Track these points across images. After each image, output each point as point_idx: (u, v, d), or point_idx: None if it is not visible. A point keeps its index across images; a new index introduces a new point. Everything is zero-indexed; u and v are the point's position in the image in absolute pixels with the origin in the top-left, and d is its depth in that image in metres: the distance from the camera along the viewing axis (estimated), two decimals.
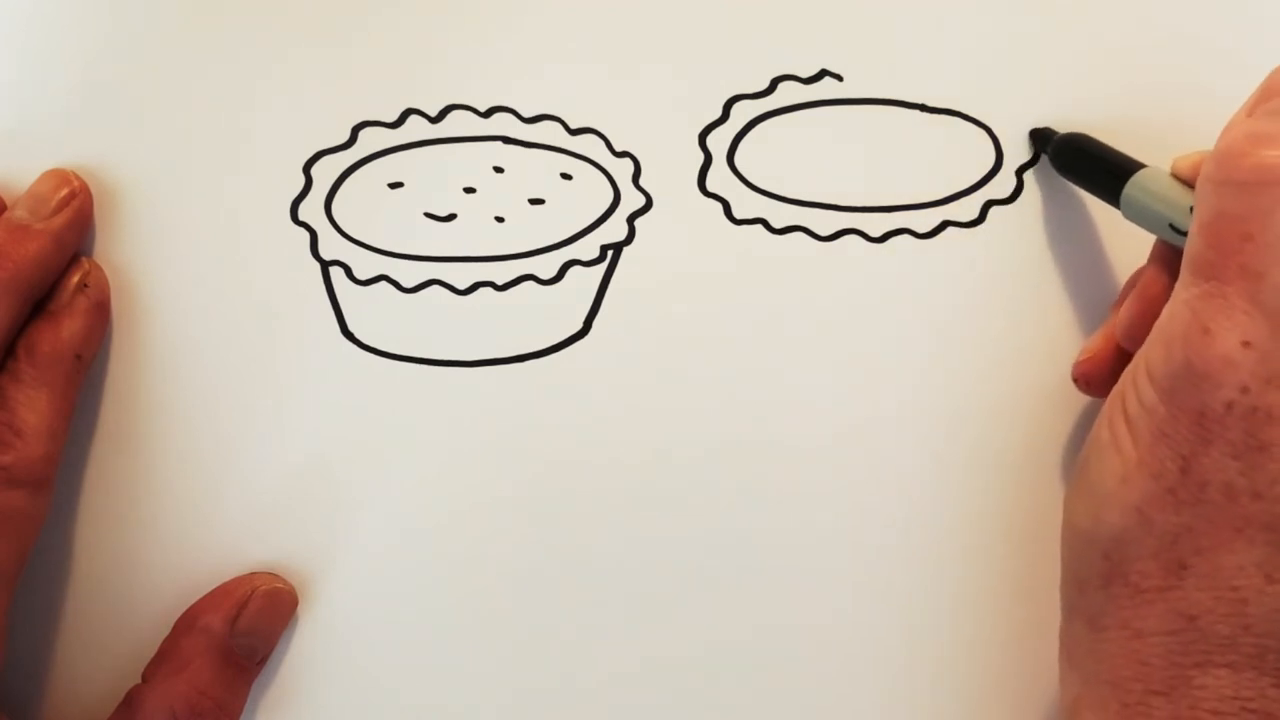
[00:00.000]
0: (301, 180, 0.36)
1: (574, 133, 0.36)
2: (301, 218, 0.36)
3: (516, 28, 0.36)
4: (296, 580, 0.36)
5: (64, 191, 0.35)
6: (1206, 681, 0.28)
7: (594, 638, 0.36)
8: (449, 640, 0.36)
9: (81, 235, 0.35)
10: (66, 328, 0.34)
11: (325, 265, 0.36)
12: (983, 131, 0.36)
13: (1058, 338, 0.36)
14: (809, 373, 0.36)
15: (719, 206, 0.36)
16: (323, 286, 0.36)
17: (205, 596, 0.35)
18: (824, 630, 0.36)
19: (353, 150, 0.36)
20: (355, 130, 0.36)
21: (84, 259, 0.35)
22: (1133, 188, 0.32)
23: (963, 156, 0.36)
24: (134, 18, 0.35)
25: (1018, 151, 0.36)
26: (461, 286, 0.36)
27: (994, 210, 0.36)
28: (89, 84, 0.35)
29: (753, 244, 0.36)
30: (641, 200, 0.36)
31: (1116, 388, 0.30)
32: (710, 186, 0.36)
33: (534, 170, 0.36)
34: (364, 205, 0.36)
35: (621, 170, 0.36)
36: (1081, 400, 0.36)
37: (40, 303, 0.34)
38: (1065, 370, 0.35)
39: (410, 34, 0.36)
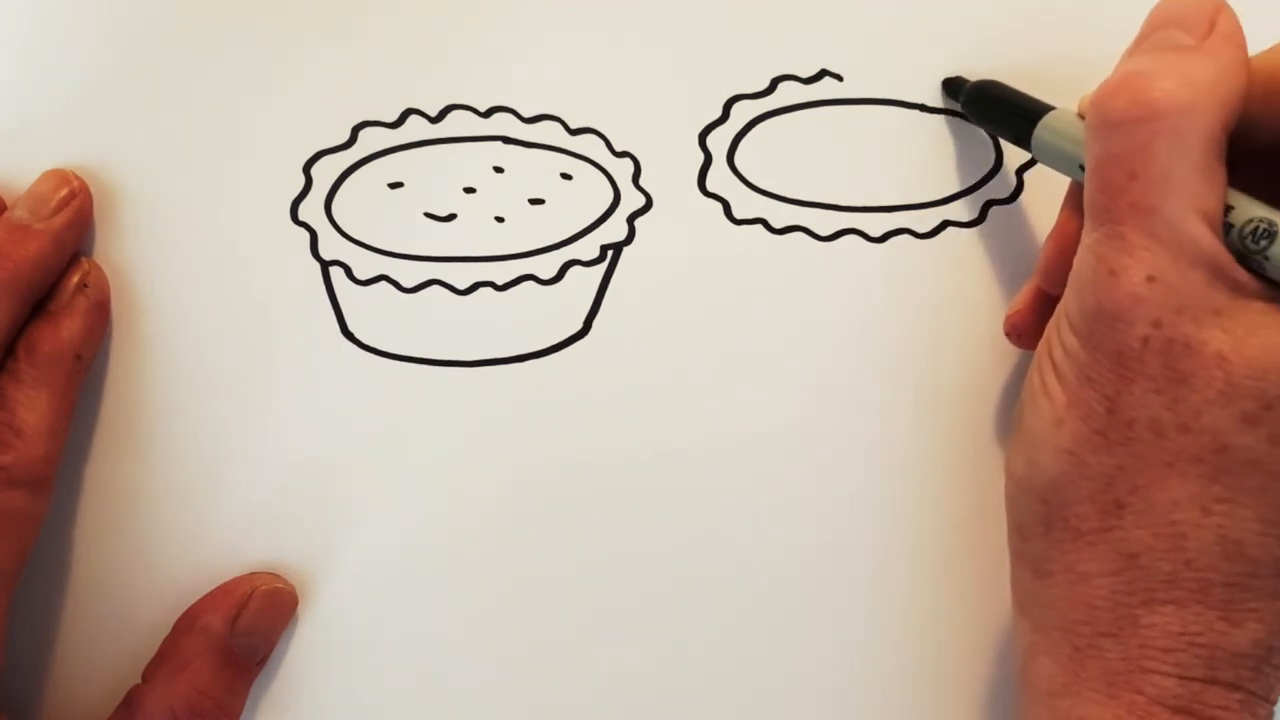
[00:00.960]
0: (301, 180, 0.36)
1: (574, 133, 0.36)
2: (301, 218, 0.36)
3: (517, 28, 0.36)
4: (296, 580, 0.36)
5: (64, 191, 0.35)
6: (1153, 620, 0.28)
7: (594, 637, 0.36)
8: (449, 640, 0.36)
9: (81, 235, 0.35)
10: (66, 328, 0.34)
11: (325, 265, 0.36)
12: (983, 131, 0.36)
13: None
14: (809, 373, 0.36)
15: (719, 206, 0.36)
16: (323, 286, 0.36)
17: (205, 596, 0.35)
18: (830, 631, 0.36)
19: (353, 150, 0.36)
20: (355, 130, 0.36)
21: (84, 259, 0.35)
22: (1042, 130, 0.32)
23: (963, 156, 0.36)
24: (134, 18, 0.35)
25: (1018, 151, 0.36)
26: (461, 286, 0.36)
27: (994, 210, 0.36)
28: (89, 84, 0.35)
29: (753, 244, 0.36)
30: (641, 200, 0.36)
31: (1043, 337, 0.31)
32: (710, 186, 0.36)
33: (534, 170, 0.36)
34: (364, 205, 0.36)
35: (621, 170, 0.36)
36: None
37: (40, 303, 0.34)
38: None
39: (410, 34, 0.36)
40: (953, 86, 0.36)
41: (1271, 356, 0.27)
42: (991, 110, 0.34)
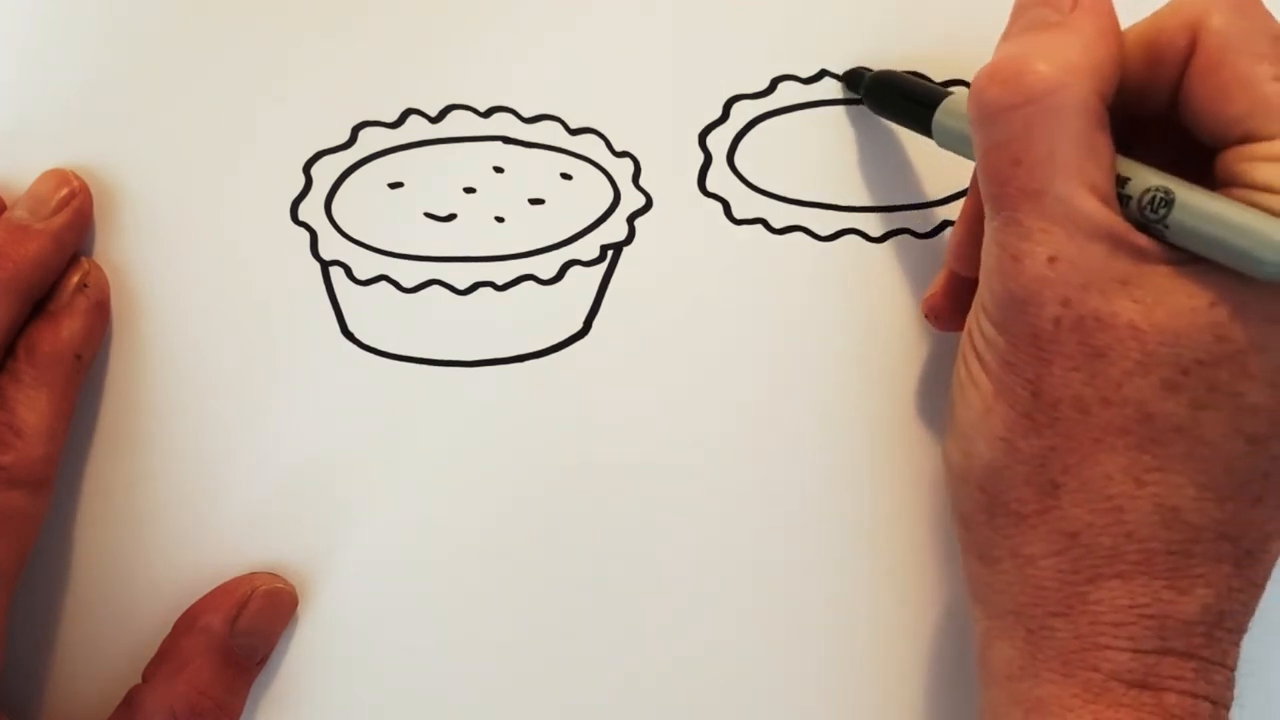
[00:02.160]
0: (301, 180, 0.36)
1: (574, 133, 0.36)
2: (301, 218, 0.36)
3: (517, 28, 0.36)
4: (296, 580, 0.36)
5: (64, 191, 0.35)
6: (1101, 595, 0.28)
7: (594, 637, 0.36)
8: (449, 639, 0.36)
9: (81, 235, 0.35)
10: (66, 328, 0.34)
11: (325, 265, 0.36)
12: None
13: None
14: (809, 373, 0.36)
15: (719, 206, 0.36)
16: (323, 286, 0.36)
17: (205, 596, 0.35)
18: (834, 631, 0.36)
19: (353, 150, 0.36)
20: (355, 130, 0.36)
21: (84, 259, 0.35)
22: (941, 114, 0.32)
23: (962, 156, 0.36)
24: (134, 18, 0.35)
25: None
26: (461, 286, 0.36)
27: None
28: (89, 84, 0.35)
29: (753, 244, 0.36)
30: (641, 200, 0.36)
31: (965, 327, 0.31)
32: (710, 186, 0.36)
33: (534, 170, 0.36)
34: (364, 205, 0.36)
35: (621, 170, 0.36)
36: None
37: (40, 303, 0.34)
38: None
39: (410, 34, 0.36)
40: (853, 79, 0.36)
41: (1182, 321, 0.27)
42: (891, 100, 0.34)
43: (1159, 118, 0.29)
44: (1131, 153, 0.29)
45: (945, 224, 0.36)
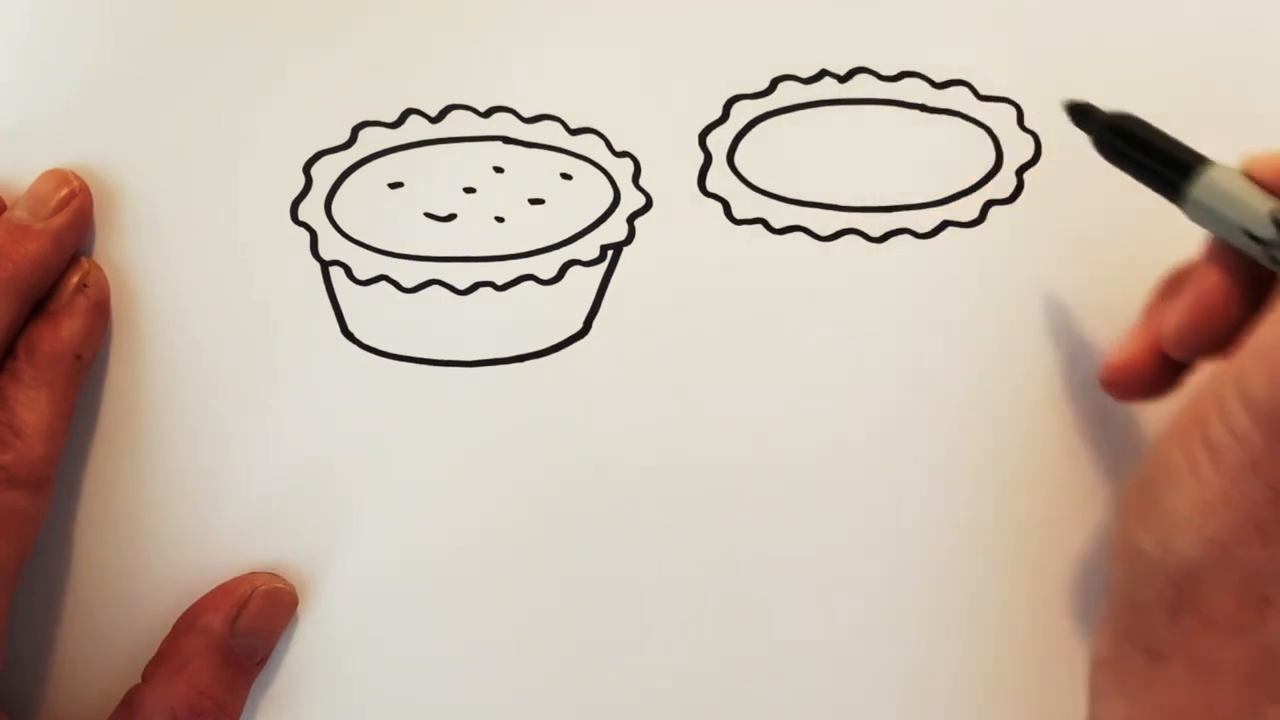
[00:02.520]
0: (301, 180, 0.36)
1: (574, 133, 0.36)
2: (301, 218, 0.36)
3: (517, 28, 0.36)
4: (296, 580, 0.36)
5: (64, 191, 0.35)
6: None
7: (594, 637, 0.36)
8: (449, 640, 0.36)
9: (81, 235, 0.35)
10: (66, 328, 0.34)
11: (325, 265, 0.36)
12: (983, 131, 0.36)
13: (1058, 338, 0.36)
14: (809, 373, 0.36)
15: (719, 206, 0.36)
16: (323, 286, 0.36)
17: (205, 596, 0.35)
18: (834, 632, 0.36)
19: (353, 150, 0.36)
20: (355, 130, 0.36)
21: (84, 259, 0.35)
22: (1203, 188, 0.30)
23: (963, 156, 0.36)
24: (134, 18, 0.35)
25: (1018, 151, 0.36)
26: (461, 286, 0.36)
27: (994, 210, 0.36)
28: (89, 84, 0.35)
29: (753, 244, 0.36)
30: (641, 200, 0.36)
31: (1192, 407, 0.28)
32: (710, 186, 0.36)
33: (534, 170, 0.36)
34: (364, 205, 0.36)
35: (621, 170, 0.36)
36: (1084, 401, 0.36)
37: (40, 303, 0.34)
38: (1065, 371, 0.35)
39: (410, 34, 0.36)
40: (1080, 112, 0.33)
41: None
42: (1133, 152, 0.32)
43: None
44: None
45: (945, 224, 0.36)
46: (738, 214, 0.36)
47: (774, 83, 0.36)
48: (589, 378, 0.36)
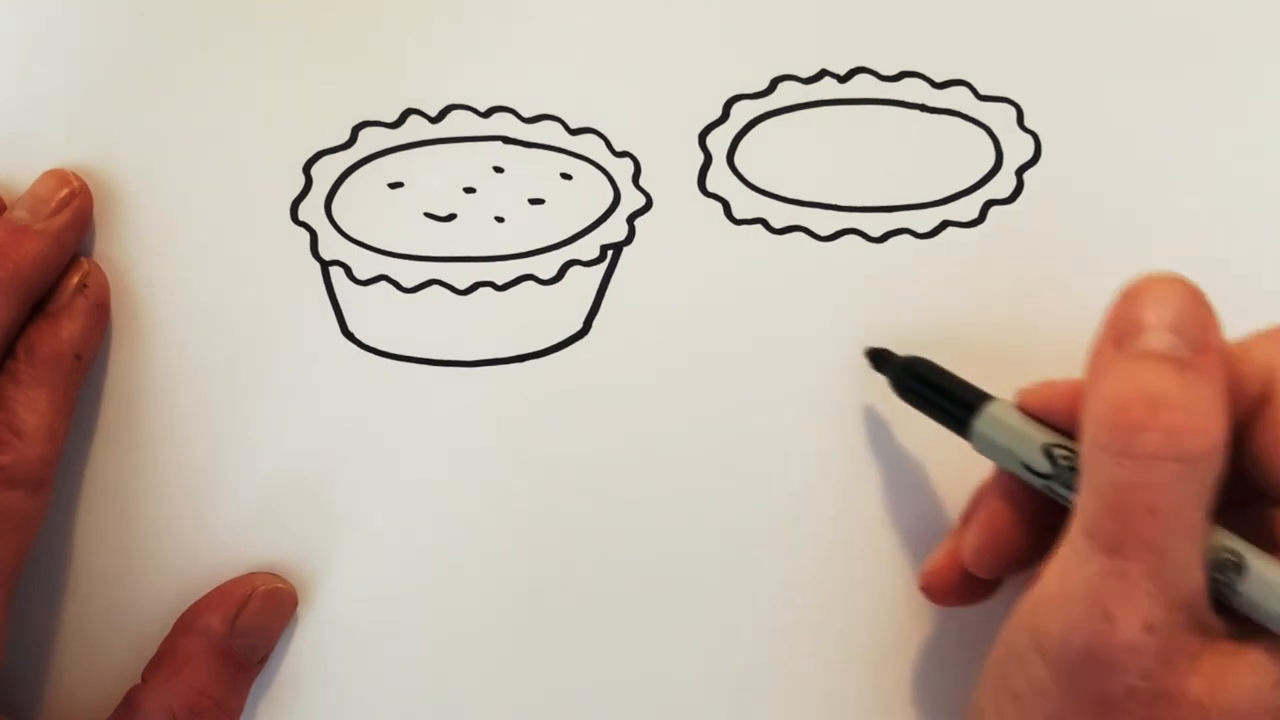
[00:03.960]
0: (301, 180, 0.36)
1: (574, 133, 0.36)
2: (301, 218, 0.36)
3: (517, 27, 0.36)
4: (296, 580, 0.36)
5: (64, 192, 0.35)
6: None
7: (594, 638, 0.36)
8: (449, 640, 0.36)
9: (81, 235, 0.35)
10: (66, 328, 0.34)
11: (325, 265, 0.36)
12: (983, 131, 0.36)
13: (1057, 338, 0.36)
14: (809, 373, 0.36)
15: (719, 206, 0.36)
16: (323, 286, 0.36)
17: (205, 596, 0.35)
18: (835, 634, 0.36)
19: (353, 150, 0.36)
20: (355, 130, 0.36)
21: (84, 259, 0.35)
22: (983, 424, 0.31)
23: (963, 156, 0.36)
24: (134, 18, 0.35)
25: (1018, 151, 0.36)
26: (461, 286, 0.36)
27: (994, 210, 0.36)
28: (89, 84, 0.35)
29: (753, 244, 0.36)
30: (641, 200, 0.36)
31: (997, 655, 0.29)
32: (710, 186, 0.36)
33: (534, 170, 0.36)
34: (364, 205, 0.36)
35: (621, 170, 0.36)
36: None
37: (40, 303, 0.34)
38: (1065, 370, 0.36)
39: (410, 34, 0.36)
40: (877, 357, 0.35)
41: (1246, 699, 0.26)
42: (922, 391, 0.33)
43: None
44: None
45: (945, 224, 0.36)
46: (738, 214, 0.36)
47: (774, 83, 0.36)
48: (589, 378, 0.36)
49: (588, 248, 0.36)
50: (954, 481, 0.36)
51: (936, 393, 0.33)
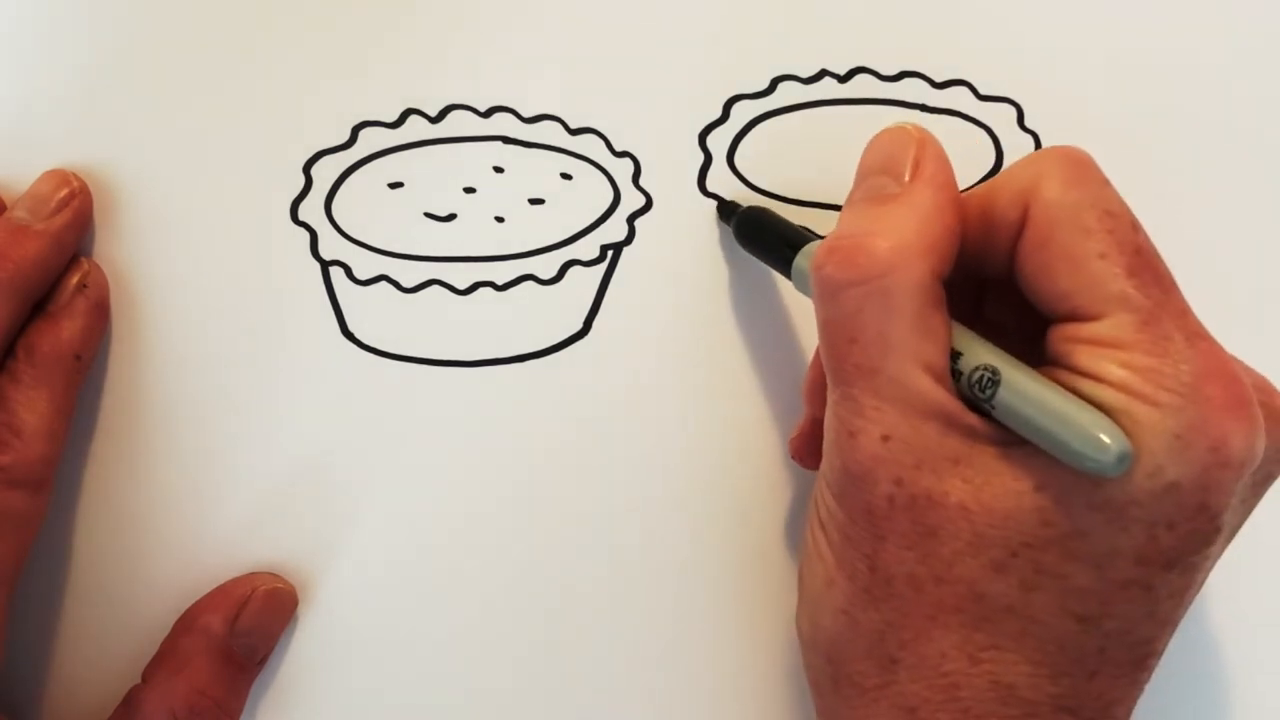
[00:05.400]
0: (301, 180, 0.36)
1: (574, 133, 0.36)
2: (301, 218, 0.36)
3: (516, 28, 0.36)
4: (296, 580, 0.36)
5: (64, 192, 0.35)
6: None
7: (594, 638, 0.36)
8: (449, 639, 0.36)
9: (81, 235, 0.35)
10: (66, 328, 0.34)
11: (325, 265, 0.36)
12: (982, 131, 0.36)
13: None
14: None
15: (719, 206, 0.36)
16: (323, 286, 0.36)
17: (205, 596, 0.35)
18: None
19: (353, 150, 0.36)
20: (355, 130, 0.36)
21: (84, 259, 0.35)
22: (802, 258, 0.31)
23: (962, 156, 0.36)
24: (134, 18, 0.35)
25: (1018, 151, 0.36)
26: (461, 286, 0.36)
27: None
28: (89, 84, 0.35)
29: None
30: (641, 200, 0.36)
31: (811, 496, 0.31)
32: (710, 186, 0.36)
33: (534, 170, 0.36)
34: (364, 205, 0.36)
35: (621, 170, 0.36)
36: None
37: (40, 303, 0.34)
38: None
39: (410, 34, 0.36)
40: (725, 209, 0.36)
41: (1009, 503, 0.26)
42: (758, 237, 0.34)
43: (1007, 279, 0.29)
44: (981, 312, 0.29)
45: None
46: None
47: (774, 83, 0.36)
48: (589, 378, 0.36)
49: (588, 248, 0.36)
50: None
51: (770, 234, 0.33)
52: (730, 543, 0.36)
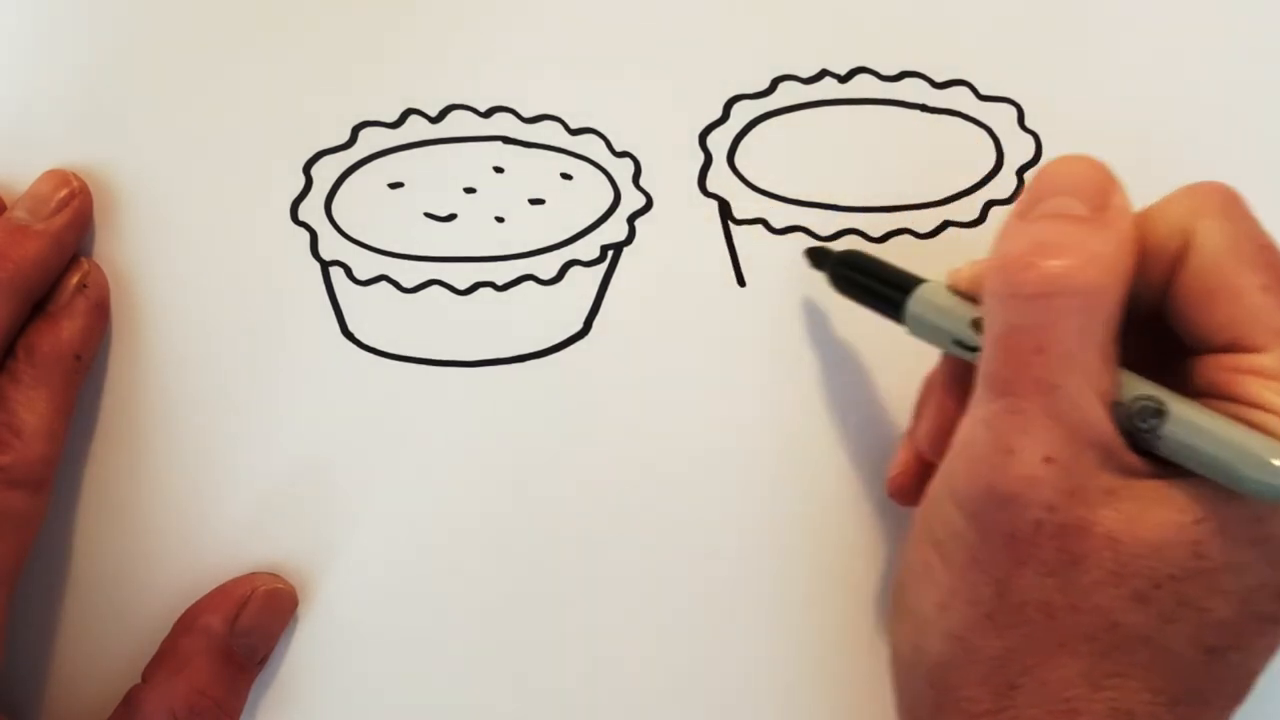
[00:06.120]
0: (301, 180, 0.36)
1: (574, 133, 0.36)
2: (301, 218, 0.36)
3: (517, 28, 0.36)
4: (296, 580, 0.36)
5: (64, 192, 0.35)
6: None
7: (593, 637, 0.36)
8: (449, 640, 0.36)
9: (81, 235, 0.35)
10: (66, 328, 0.34)
11: (325, 265, 0.36)
12: (983, 131, 0.36)
13: None
14: (809, 373, 0.36)
15: (719, 206, 0.36)
16: (323, 286, 0.36)
17: (205, 596, 0.35)
18: (834, 632, 0.36)
19: (353, 150, 0.36)
20: (355, 130, 0.36)
21: (83, 259, 0.35)
22: (915, 304, 0.31)
23: (963, 156, 0.36)
24: (134, 18, 0.35)
25: (1018, 151, 0.36)
26: (461, 286, 0.36)
27: (994, 210, 0.36)
28: (89, 84, 0.35)
29: (753, 244, 0.36)
30: (641, 200, 0.36)
31: (920, 509, 0.30)
32: (710, 186, 0.36)
33: (534, 170, 0.36)
34: (364, 205, 0.36)
35: (621, 170, 0.36)
36: None
37: (40, 303, 0.34)
38: None
39: (410, 34, 0.36)
40: (817, 255, 0.35)
41: (1163, 535, 0.26)
42: (858, 282, 0.33)
43: (1136, 309, 0.29)
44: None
45: (946, 224, 0.36)
46: (738, 214, 0.36)
47: (774, 83, 0.36)
48: (589, 378, 0.36)
49: (588, 248, 0.36)
50: None
51: (872, 279, 0.33)
52: (730, 543, 0.36)
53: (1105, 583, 0.27)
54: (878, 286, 0.33)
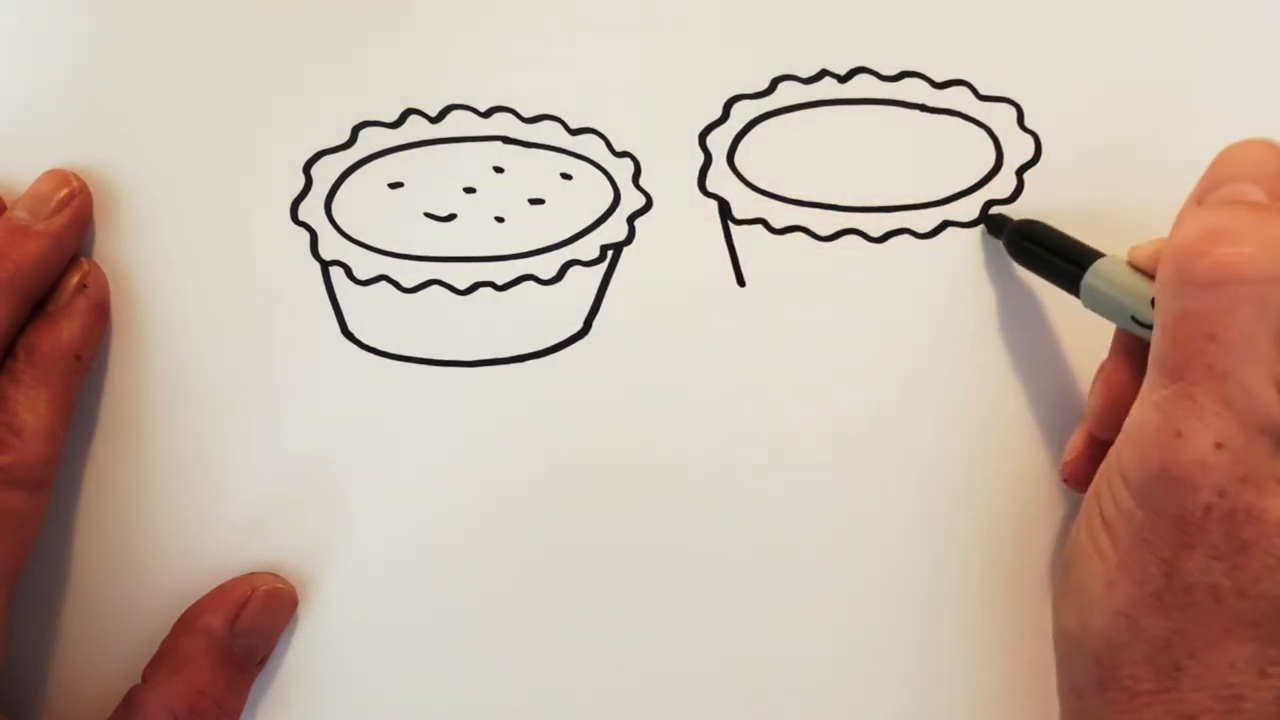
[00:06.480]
0: (301, 180, 0.36)
1: (574, 133, 0.36)
2: (301, 218, 0.36)
3: (516, 28, 0.36)
4: (296, 580, 0.36)
5: (64, 192, 0.35)
6: None
7: (593, 636, 0.36)
8: (448, 640, 0.36)
9: (81, 235, 0.35)
10: (66, 328, 0.34)
11: (325, 265, 0.36)
12: (983, 131, 0.36)
13: (1058, 338, 0.36)
14: (809, 373, 0.36)
15: (719, 206, 0.36)
16: (323, 286, 0.36)
17: (205, 596, 0.35)
18: (835, 629, 0.36)
19: (353, 150, 0.36)
20: (355, 130, 0.36)
21: (83, 259, 0.35)
22: (1092, 277, 0.31)
23: (963, 156, 0.36)
24: (134, 18, 0.35)
25: (1018, 151, 0.36)
26: (461, 286, 0.36)
27: (994, 210, 0.36)
28: (89, 84, 0.35)
29: (753, 244, 0.36)
30: (641, 200, 0.36)
31: (1091, 489, 0.30)
32: (710, 186, 0.36)
33: (534, 170, 0.36)
34: (364, 205, 0.36)
35: (621, 170, 0.36)
36: (1083, 401, 0.36)
37: (40, 303, 0.34)
38: (1065, 371, 0.36)
39: (410, 34, 0.36)
40: (995, 222, 0.36)
41: None
42: (1036, 251, 0.34)
43: None
44: None
45: (945, 224, 0.36)
46: (738, 214, 0.36)
47: (774, 83, 0.36)
48: (589, 378, 0.36)
49: (588, 248, 0.36)
50: (954, 479, 0.36)
51: (1050, 252, 0.33)
52: (729, 542, 0.36)
53: (1274, 569, 0.27)
54: (1053, 259, 0.33)
